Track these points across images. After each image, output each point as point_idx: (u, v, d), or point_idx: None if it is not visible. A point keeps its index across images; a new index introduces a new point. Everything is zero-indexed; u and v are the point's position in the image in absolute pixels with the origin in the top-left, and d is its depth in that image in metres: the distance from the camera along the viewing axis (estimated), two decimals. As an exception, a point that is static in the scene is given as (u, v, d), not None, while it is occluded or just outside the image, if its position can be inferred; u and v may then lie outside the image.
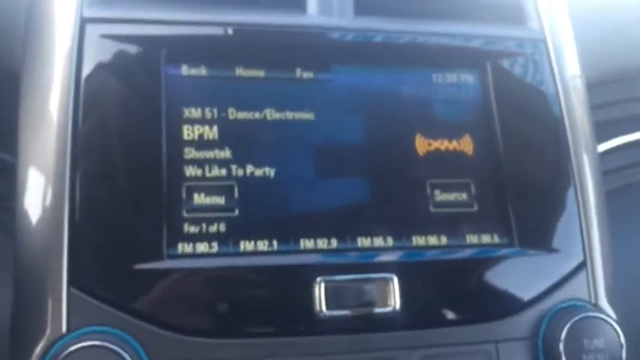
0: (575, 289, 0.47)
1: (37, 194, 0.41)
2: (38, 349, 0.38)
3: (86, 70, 0.43)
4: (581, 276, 0.47)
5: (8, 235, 0.43)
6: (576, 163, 0.49)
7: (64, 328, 0.39)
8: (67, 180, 0.41)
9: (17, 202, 0.41)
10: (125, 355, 0.38)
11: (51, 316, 0.39)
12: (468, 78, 0.50)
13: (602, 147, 0.71)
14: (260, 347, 0.41)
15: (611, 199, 0.52)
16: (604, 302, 0.47)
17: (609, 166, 0.71)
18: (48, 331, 0.39)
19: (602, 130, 0.65)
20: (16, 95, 0.43)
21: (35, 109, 0.42)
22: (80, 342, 0.38)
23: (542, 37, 0.52)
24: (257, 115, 0.45)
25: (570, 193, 0.49)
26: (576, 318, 0.44)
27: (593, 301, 0.47)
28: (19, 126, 0.43)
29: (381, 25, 0.49)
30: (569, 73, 0.52)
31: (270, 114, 0.45)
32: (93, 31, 0.44)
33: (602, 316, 0.45)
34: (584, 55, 0.53)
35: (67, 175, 0.41)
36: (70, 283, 0.39)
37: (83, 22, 0.44)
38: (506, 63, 0.50)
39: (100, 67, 0.43)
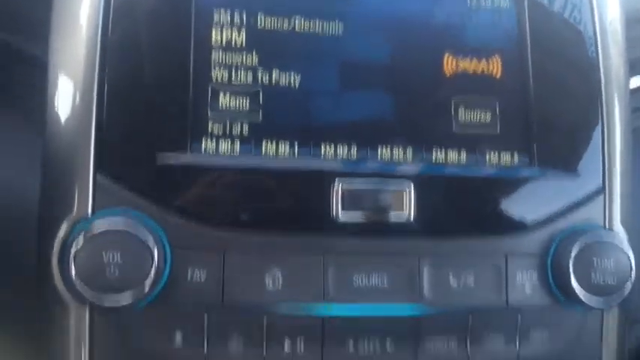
0: (591, 213, 0.47)
1: (67, 83, 0.42)
2: (63, 230, 0.40)
3: None
4: (599, 201, 0.47)
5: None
6: (605, 95, 0.49)
7: (89, 211, 0.41)
8: (96, 70, 0.42)
9: (48, 90, 0.43)
10: (147, 237, 0.39)
11: (77, 199, 0.41)
12: (503, 2, 0.49)
13: (635, 82, 0.70)
14: (275, 243, 0.42)
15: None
16: (619, 227, 0.47)
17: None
18: (74, 212, 0.41)
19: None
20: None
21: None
22: (104, 223, 0.39)
23: None
24: (286, 21, 0.45)
25: (595, 120, 0.48)
26: (588, 239, 0.44)
27: (607, 226, 0.47)
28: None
29: None
30: (609, 15, 0.50)
31: (300, 21, 0.46)
32: None
33: (615, 239, 0.45)
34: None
35: (97, 64, 0.42)
36: (96, 168, 0.41)
37: None
38: None
39: None
